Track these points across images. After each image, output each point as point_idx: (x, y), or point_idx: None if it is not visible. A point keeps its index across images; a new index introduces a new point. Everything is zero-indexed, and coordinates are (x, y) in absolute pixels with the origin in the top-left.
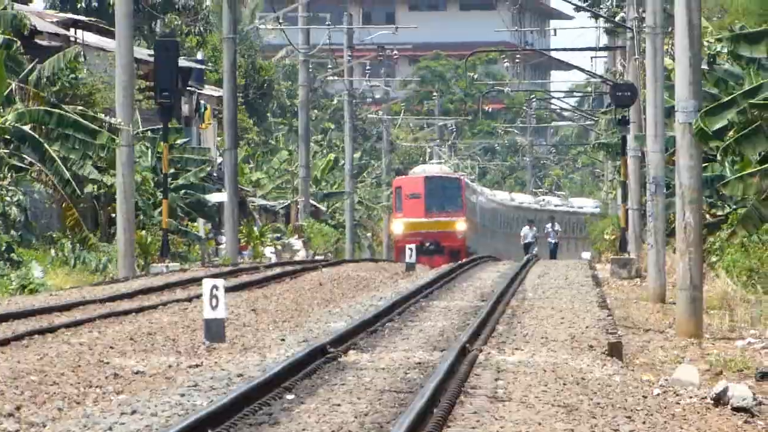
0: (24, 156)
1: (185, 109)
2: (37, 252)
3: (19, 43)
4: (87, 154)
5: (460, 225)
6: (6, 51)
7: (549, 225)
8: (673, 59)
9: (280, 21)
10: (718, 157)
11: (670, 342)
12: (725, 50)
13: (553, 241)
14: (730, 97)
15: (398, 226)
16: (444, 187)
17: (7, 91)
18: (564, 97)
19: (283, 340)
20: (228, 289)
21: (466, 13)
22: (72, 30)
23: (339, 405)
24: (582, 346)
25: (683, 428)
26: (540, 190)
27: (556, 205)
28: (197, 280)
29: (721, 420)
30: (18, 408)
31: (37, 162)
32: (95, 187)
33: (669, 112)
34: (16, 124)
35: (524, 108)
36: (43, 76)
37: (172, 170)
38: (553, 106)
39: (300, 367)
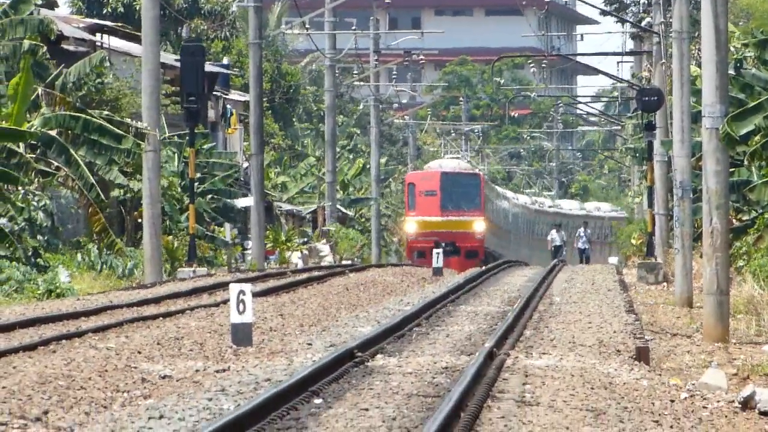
0: (50, 161)
1: (211, 114)
2: (64, 257)
3: (45, 48)
4: (113, 159)
5: (479, 225)
6: (32, 56)
7: (581, 230)
8: (700, 65)
9: (306, 26)
10: (745, 162)
11: (697, 346)
12: (752, 55)
13: (583, 247)
14: (756, 102)
15: (411, 225)
16: (461, 184)
17: (34, 96)
18: (590, 102)
19: (310, 344)
20: (255, 294)
21: (493, 18)
22: (98, 35)
23: (367, 410)
24: (609, 350)
25: None
26: (531, 191)
27: (549, 207)
28: (224, 285)
29: (748, 424)
30: (46, 412)
31: (63, 167)
32: (121, 191)
33: (695, 117)
34: (42, 129)
35: (550, 113)
36: (69, 81)
37: (198, 175)
38: (579, 111)
39: (328, 371)
